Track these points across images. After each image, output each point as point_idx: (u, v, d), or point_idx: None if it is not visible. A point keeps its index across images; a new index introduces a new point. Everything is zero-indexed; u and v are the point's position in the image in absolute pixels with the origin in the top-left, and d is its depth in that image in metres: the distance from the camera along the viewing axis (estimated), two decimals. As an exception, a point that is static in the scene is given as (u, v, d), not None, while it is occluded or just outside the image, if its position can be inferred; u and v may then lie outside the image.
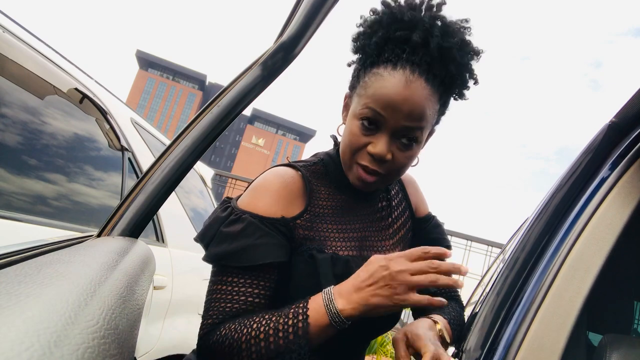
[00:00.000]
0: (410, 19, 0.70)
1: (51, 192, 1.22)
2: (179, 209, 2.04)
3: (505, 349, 0.60)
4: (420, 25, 0.69)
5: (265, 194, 0.76)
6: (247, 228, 0.72)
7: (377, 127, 0.71)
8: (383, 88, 0.69)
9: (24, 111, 1.15)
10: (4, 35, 1.11)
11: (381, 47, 0.71)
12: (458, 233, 4.92)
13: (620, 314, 1.31)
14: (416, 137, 0.72)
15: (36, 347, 0.24)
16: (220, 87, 0.97)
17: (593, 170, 0.71)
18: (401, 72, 0.68)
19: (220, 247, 0.72)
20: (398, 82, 0.68)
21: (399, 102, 0.68)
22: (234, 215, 0.74)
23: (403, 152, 0.73)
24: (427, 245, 0.94)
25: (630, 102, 0.67)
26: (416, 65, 0.68)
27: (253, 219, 0.73)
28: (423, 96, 0.68)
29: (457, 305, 0.93)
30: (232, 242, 0.72)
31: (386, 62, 0.70)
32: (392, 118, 0.69)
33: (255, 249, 0.71)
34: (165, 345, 1.71)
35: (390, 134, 0.71)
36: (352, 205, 0.85)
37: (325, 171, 0.85)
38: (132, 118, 1.82)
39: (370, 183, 0.75)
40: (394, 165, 0.73)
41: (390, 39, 0.70)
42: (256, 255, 0.71)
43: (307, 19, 0.69)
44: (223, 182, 5.58)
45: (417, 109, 0.68)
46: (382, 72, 0.70)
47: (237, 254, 0.71)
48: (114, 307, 0.38)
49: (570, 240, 0.65)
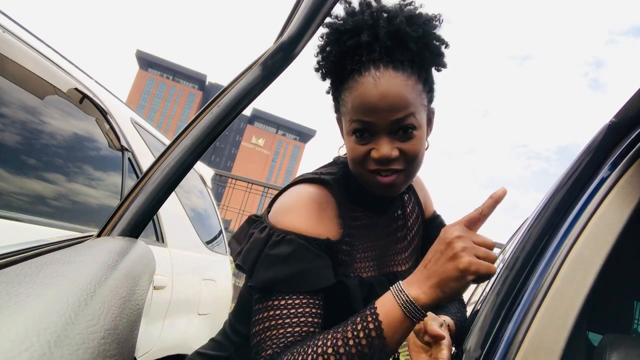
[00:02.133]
0: (353, 25, 0.70)
1: (51, 192, 1.22)
2: (179, 209, 2.04)
3: (505, 349, 0.60)
4: (364, 25, 0.70)
5: (305, 215, 0.73)
6: (297, 251, 0.68)
7: (371, 133, 0.71)
8: (358, 97, 0.69)
9: (24, 111, 1.15)
10: (4, 35, 1.11)
11: (341, 63, 0.72)
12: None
13: (620, 314, 1.32)
14: (412, 124, 0.70)
15: (36, 347, 0.24)
16: (220, 87, 0.97)
17: (593, 170, 0.71)
18: (367, 75, 0.69)
19: (270, 272, 0.68)
20: (368, 84, 0.68)
21: (378, 102, 0.68)
22: (277, 236, 0.71)
23: (407, 142, 0.71)
24: (429, 244, 0.95)
25: (630, 102, 0.67)
26: (378, 61, 0.68)
27: (301, 240, 0.70)
28: (397, 84, 0.68)
29: (461, 305, 0.93)
30: (283, 266, 0.68)
31: (352, 73, 0.70)
32: (379, 119, 0.69)
33: (309, 273, 0.68)
34: (165, 345, 1.71)
35: (386, 133, 0.70)
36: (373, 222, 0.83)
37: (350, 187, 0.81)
38: (132, 118, 1.82)
39: (392, 184, 0.73)
40: (407, 157, 0.72)
41: (345, 51, 0.71)
42: (311, 280, 0.68)
43: (307, 19, 0.69)
44: (223, 182, 5.58)
45: (397, 99, 0.68)
46: (352, 84, 0.70)
47: (291, 279, 0.67)
48: (114, 307, 0.38)
49: (570, 240, 0.65)
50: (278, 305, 0.67)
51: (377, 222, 0.84)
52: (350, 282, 0.74)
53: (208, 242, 2.32)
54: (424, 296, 0.59)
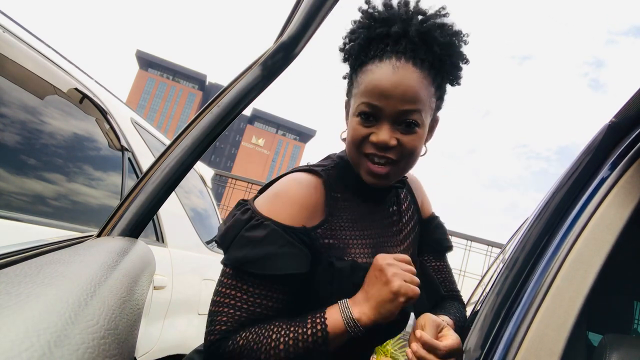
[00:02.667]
0: (387, 16, 0.74)
1: (51, 192, 1.22)
2: (179, 209, 2.04)
3: (505, 349, 0.60)
4: (398, 19, 0.73)
5: (287, 203, 0.75)
6: (270, 235, 0.71)
7: (376, 118, 0.73)
8: (373, 80, 0.72)
9: (24, 111, 1.15)
10: (4, 35, 1.11)
11: (366, 47, 0.75)
12: (458, 233, 4.92)
13: (620, 314, 1.32)
14: (416, 120, 0.72)
15: (36, 347, 0.24)
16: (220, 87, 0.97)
17: (593, 170, 0.71)
18: (387, 62, 0.71)
19: (241, 252, 0.71)
20: (386, 70, 0.71)
21: (390, 89, 0.70)
22: (255, 220, 0.73)
23: (408, 135, 0.73)
24: (431, 245, 0.95)
25: (630, 102, 0.67)
26: (401, 54, 0.71)
27: (276, 226, 0.72)
28: (413, 79, 0.71)
29: (461, 305, 0.94)
30: (255, 247, 0.70)
31: (373, 58, 0.73)
32: (387, 105, 0.71)
33: (278, 258, 0.70)
34: (165, 345, 1.71)
35: (390, 122, 0.72)
36: (368, 211, 0.85)
37: (341, 176, 0.83)
38: (132, 118, 1.82)
39: (382, 174, 0.74)
40: (404, 150, 0.73)
41: (373, 38, 0.74)
42: (279, 264, 0.70)
43: (307, 19, 0.69)
44: (223, 182, 5.57)
45: (410, 91, 0.70)
46: (370, 67, 0.73)
47: (259, 261, 0.70)
48: (114, 307, 0.38)
49: (570, 240, 0.65)
50: (240, 288, 0.71)
51: (370, 210, 0.85)
52: (342, 264, 0.75)
53: (208, 242, 2.32)
54: (364, 317, 0.68)
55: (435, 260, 0.96)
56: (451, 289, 0.96)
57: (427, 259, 0.96)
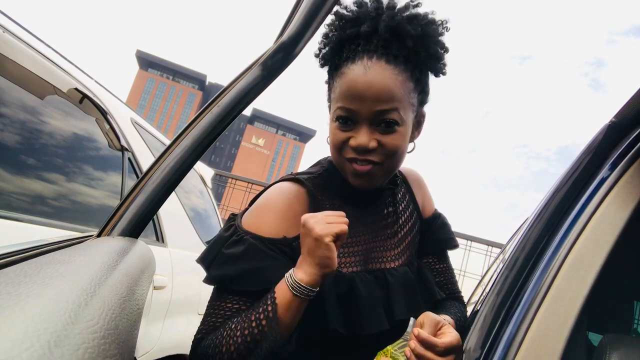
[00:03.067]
0: (357, 15, 0.72)
1: (51, 192, 1.22)
2: (179, 209, 2.04)
3: (505, 349, 0.60)
4: (367, 17, 0.71)
5: (269, 214, 0.75)
6: (248, 251, 0.71)
7: (353, 121, 0.72)
8: (346, 83, 0.70)
9: (24, 111, 1.15)
10: (4, 35, 1.11)
11: (338, 50, 0.74)
12: (458, 233, 4.91)
13: (620, 314, 1.32)
14: (394, 119, 0.70)
15: (36, 347, 0.24)
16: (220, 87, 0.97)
17: (593, 170, 0.71)
18: (359, 63, 0.70)
19: (220, 270, 0.72)
20: (358, 72, 0.69)
21: (364, 90, 0.69)
22: (236, 236, 0.74)
23: (388, 135, 0.71)
24: (434, 244, 0.94)
25: (630, 102, 0.67)
26: (372, 52, 0.70)
27: (254, 240, 0.72)
28: (386, 76, 0.69)
29: (462, 305, 0.93)
30: (233, 265, 0.71)
31: (346, 61, 0.72)
32: (362, 108, 0.70)
33: (255, 273, 0.70)
34: (165, 345, 1.71)
35: (367, 124, 0.71)
36: (358, 216, 0.83)
37: (329, 183, 0.82)
38: (132, 118, 1.82)
39: (366, 174, 0.73)
40: (385, 150, 0.72)
41: (344, 39, 0.73)
42: (256, 280, 0.70)
43: (307, 19, 0.69)
44: (223, 182, 5.57)
45: (384, 91, 0.69)
46: (344, 70, 0.72)
47: (237, 278, 0.70)
48: (114, 307, 0.38)
49: (570, 240, 0.64)
50: (223, 300, 0.72)
51: (361, 215, 0.83)
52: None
53: (208, 242, 2.32)
54: (305, 275, 0.66)
55: (438, 262, 0.95)
56: (453, 290, 0.96)
57: (431, 260, 0.94)
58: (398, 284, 0.81)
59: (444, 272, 0.95)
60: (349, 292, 0.75)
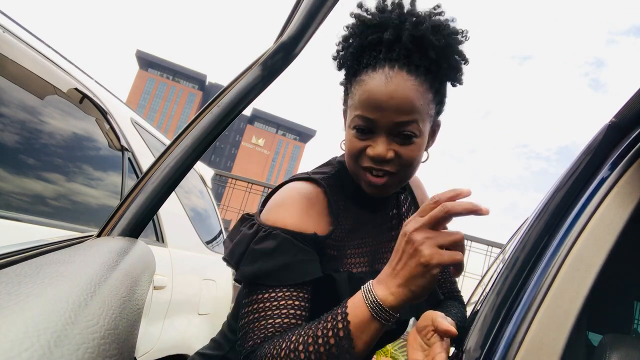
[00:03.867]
0: (380, 21, 0.71)
1: (51, 192, 1.22)
2: (179, 209, 2.04)
3: (505, 349, 0.60)
4: (390, 24, 0.70)
5: (293, 210, 0.73)
6: (281, 245, 0.69)
7: (372, 131, 0.71)
8: (366, 92, 0.69)
9: (24, 111, 1.15)
10: (4, 35, 1.11)
11: (359, 55, 0.72)
12: (458, 233, 4.91)
13: (620, 314, 1.32)
14: (413, 130, 0.70)
15: (36, 347, 0.24)
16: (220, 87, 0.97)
17: (593, 170, 0.71)
18: (380, 72, 0.68)
19: (254, 266, 0.69)
20: (379, 81, 0.68)
21: (384, 101, 0.67)
22: (263, 231, 0.71)
23: (406, 146, 0.71)
24: None
25: (630, 102, 0.67)
26: (394, 61, 0.68)
27: (285, 234, 0.70)
28: (407, 88, 0.67)
29: (461, 305, 0.93)
30: (268, 260, 0.68)
31: (366, 67, 0.70)
32: (382, 118, 0.68)
33: (294, 267, 0.68)
34: (165, 345, 1.71)
35: (386, 134, 0.70)
36: (366, 219, 0.83)
37: (340, 184, 0.82)
38: (132, 118, 1.82)
39: (381, 186, 0.73)
40: (402, 161, 0.71)
41: (365, 45, 0.71)
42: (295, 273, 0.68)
43: (307, 19, 0.69)
44: (223, 182, 5.57)
45: (404, 103, 0.67)
46: (364, 77, 0.70)
47: (275, 272, 0.68)
48: (114, 307, 0.38)
49: (570, 240, 0.64)
50: (262, 299, 0.68)
51: (369, 219, 0.84)
52: (339, 276, 0.74)
53: (208, 242, 2.32)
54: (391, 297, 0.57)
55: None
56: (452, 289, 0.96)
57: None
58: None
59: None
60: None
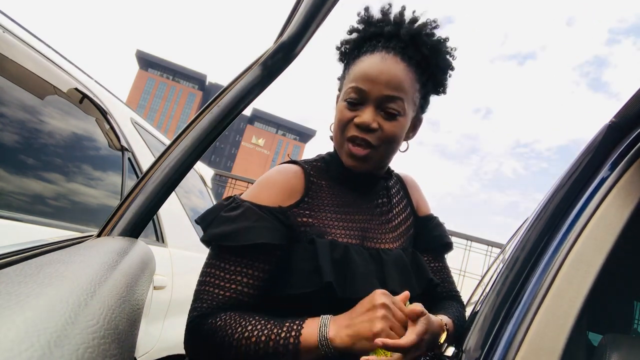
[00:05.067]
0: (382, 19, 0.82)
1: (51, 192, 1.22)
2: (179, 209, 2.04)
3: (505, 349, 0.60)
4: (391, 22, 0.81)
5: (266, 187, 0.81)
6: (244, 213, 0.76)
7: (361, 102, 0.78)
8: (362, 67, 0.78)
9: (24, 111, 1.15)
10: (4, 35, 1.11)
11: (360, 44, 0.83)
12: (458, 233, 4.91)
13: (620, 314, 1.32)
14: (398, 108, 0.78)
15: (36, 347, 0.24)
16: (220, 87, 0.97)
17: (593, 170, 0.71)
18: (377, 54, 0.78)
19: (218, 229, 0.75)
20: (374, 59, 0.78)
21: (377, 74, 0.76)
22: (235, 203, 0.79)
23: (389, 121, 0.78)
24: (429, 243, 0.95)
25: (630, 102, 0.67)
26: (391, 49, 0.78)
27: (252, 205, 0.77)
28: (399, 69, 0.77)
29: (459, 305, 0.93)
30: (231, 224, 0.75)
31: (365, 52, 0.80)
32: (372, 89, 0.77)
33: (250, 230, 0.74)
34: (165, 345, 1.71)
35: (374, 105, 0.78)
36: (353, 198, 0.88)
37: (327, 167, 0.89)
38: (132, 118, 1.82)
39: (361, 157, 0.79)
40: (383, 134, 0.78)
41: (367, 37, 0.82)
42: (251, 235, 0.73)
43: (307, 19, 0.69)
44: (223, 182, 5.57)
45: (394, 79, 0.76)
46: (362, 58, 0.80)
47: (233, 234, 0.74)
48: (114, 307, 0.38)
49: (570, 241, 0.65)
50: (218, 266, 0.76)
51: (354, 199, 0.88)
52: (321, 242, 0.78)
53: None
54: (338, 340, 0.65)
55: (433, 262, 0.96)
56: (450, 289, 0.96)
57: (426, 259, 0.95)
58: (392, 262, 0.84)
59: (440, 270, 0.96)
60: (343, 258, 0.78)
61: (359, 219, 0.87)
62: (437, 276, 0.95)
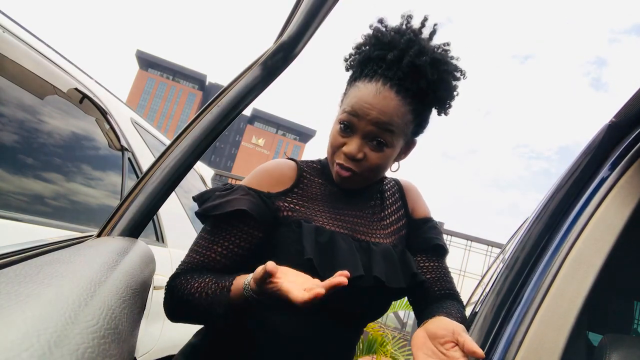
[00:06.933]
0: (390, 40, 0.80)
1: (51, 192, 1.22)
2: (179, 209, 2.04)
3: (505, 349, 0.60)
4: (397, 46, 0.79)
5: (258, 174, 0.86)
6: (234, 191, 0.81)
7: (352, 130, 0.80)
8: (356, 97, 0.79)
9: (24, 111, 1.15)
10: (4, 35, 1.11)
11: (363, 64, 0.82)
12: (458, 233, 4.91)
13: (620, 314, 1.32)
14: (386, 140, 0.79)
15: (36, 347, 0.24)
16: (220, 87, 0.97)
17: (593, 170, 0.71)
18: (374, 84, 0.78)
19: (209, 203, 0.80)
20: (369, 92, 0.78)
21: (368, 109, 0.77)
22: (230, 186, 0.84)
23: (375, 152, 0.80)
24: (422, 244, 0.94)
25: (630, 102, 0.67)
26: (388, 79, 0.78)
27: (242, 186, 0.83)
28: (391, 106, 0.77)
29: (460, 305, 0.93)
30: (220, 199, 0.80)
31: (365, 77, 0.80)
32: (361, 122, 0.78)
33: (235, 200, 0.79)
34: (165, 345, 1.71)
35: (361, 137, 0.79)
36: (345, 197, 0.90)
37: (322, 169, 0.92)
38: (132, 118, 1.82)
39: (345, 178, 0.82)
40: (368, 164, 0.81)
41: (371, 58, 0.81)
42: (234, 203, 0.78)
43: (307, 19, 0.70)
44: (223, 182, 5.57)
45: (384, 115, 0.77)
46: (360, 84, 0.80)
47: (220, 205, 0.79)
48: (114, 307, 0.38)
49: (570, 240, 0.65)
50: (202, 235, 0.81)
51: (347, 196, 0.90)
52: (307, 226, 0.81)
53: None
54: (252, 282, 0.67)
55: (428, 261, 0.95)
56: (448, 287, 0.96)
57: (419, 259, 0.95)
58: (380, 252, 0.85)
59: (436, 269, 0.95)
60: (329, 243, 0.80)
61: (350, 214, 0.89)
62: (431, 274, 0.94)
